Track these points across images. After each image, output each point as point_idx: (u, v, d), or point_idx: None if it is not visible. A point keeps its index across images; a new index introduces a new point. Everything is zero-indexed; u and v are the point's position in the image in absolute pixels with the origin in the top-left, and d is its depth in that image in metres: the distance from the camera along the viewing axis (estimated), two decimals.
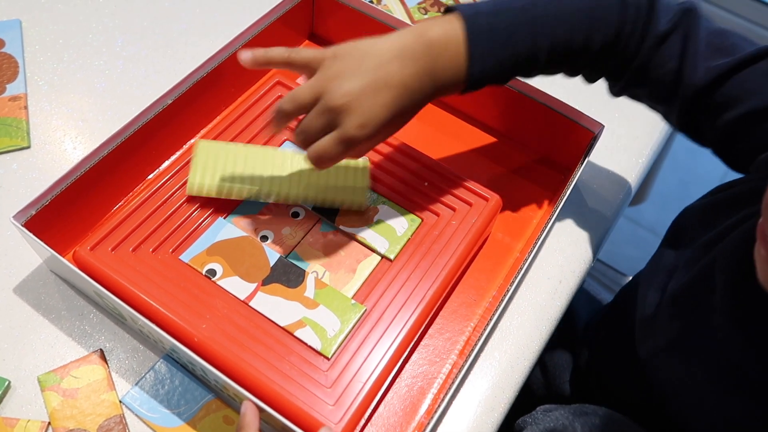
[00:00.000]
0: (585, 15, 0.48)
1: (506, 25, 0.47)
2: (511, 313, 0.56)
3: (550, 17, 0.48)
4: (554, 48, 0.48)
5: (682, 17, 0.49)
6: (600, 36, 0.48)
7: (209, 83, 0.60)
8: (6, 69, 0.66)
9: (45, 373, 0.49)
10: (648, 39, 0.49)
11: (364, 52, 0.46)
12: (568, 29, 0.48)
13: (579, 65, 0.51)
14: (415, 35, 0.46)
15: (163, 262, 0.51)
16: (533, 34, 0.47)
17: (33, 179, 0.59)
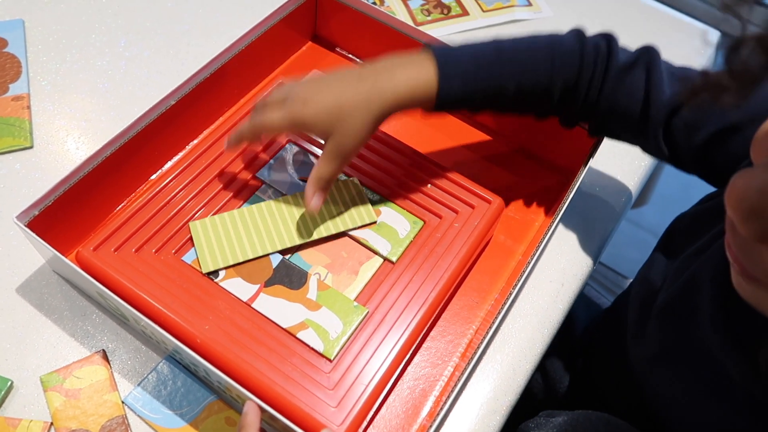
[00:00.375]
0: (548, 57, 0.51)
1: (472, 54, 0.50)
2: (513, 316, 0.56)
3: (514, 57, 0.51)
4: (520, 85, 0.51)
5: (642, 53, 0.51)
6: (562, 76, 0.51)
7: (212, 84, 0.60)
8: (9, 69, 0.66)
9: (47, 373, 0.49)
10: (611, 72, 0.50)
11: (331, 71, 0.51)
12: (532, 69, 0.51)
13: (546, 105, 0.53)
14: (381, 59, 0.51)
15: (166, 262, 0.51)
16: (500, 68, 0.50)
17: (35, 179, 0.59)
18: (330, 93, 0.49)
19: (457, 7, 0.80)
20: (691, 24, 0.83)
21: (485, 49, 0.50)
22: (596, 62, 0.51)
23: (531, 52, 0.51)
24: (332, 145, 0.49)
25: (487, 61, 0.50)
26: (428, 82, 0.49)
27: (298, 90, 0.49)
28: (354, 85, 0.49)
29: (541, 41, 0.51)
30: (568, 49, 0.51)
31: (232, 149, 0.53)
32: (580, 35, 0.52)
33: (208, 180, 0.55)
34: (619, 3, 0.84)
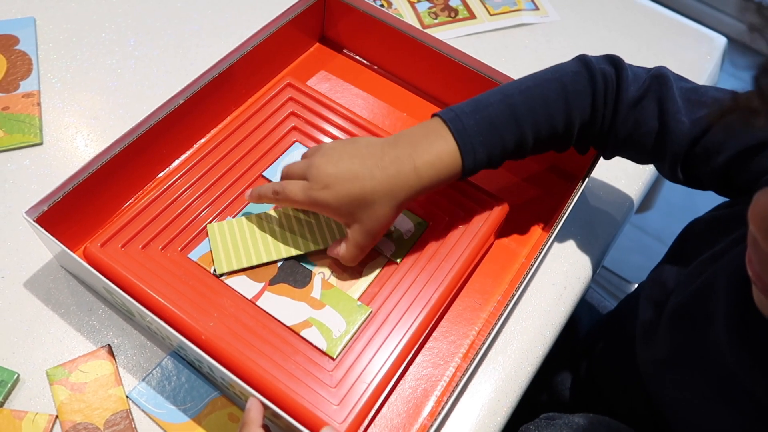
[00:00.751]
0: (560, 100, 0.50)
1: (488, 121, 0.49)
2: (515, 318, 0.56)
3: (528, 109, 0.50)
4: (538, 135, 0.50)
5: (652, 82, 0.50)
6: (578, 115, 0.51)
7: (220, 84, 0.60)
8: (20, 66, 0.67)
9: (53, 367, 0.50)
10: (621, 106, 0.50)
11: (353, 141, 0.51)
12: (548, 117, 0.50)
13: (565, 144, 0.53)
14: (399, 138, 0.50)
15: (172, 259, 0.52)
16: (516, 124, 0.49)
17: (44, 175, 0.60)
18: (352, 182, 0.47)
19: (464, 10, 0.80)
20: (697, 29, 0.83)
21: (497, 109, 0.49)
22: (606, 95, 0.50)
23: (544, 101, 0.50)
24: (359, 234, 0.49)
25: (503, 122, 0.49)
26: (452, 161, 0.48)
27: (320, 171, 0.48)
28: (377, 174, 0.47)
29: (551, 84, 0.50)
30: (580, 87, 0.50)
31: (251, 201, 0.53)
32: (588, 67, 0.51)
33: (215, 178, 0.56)
34: (625, 8, 0.84)
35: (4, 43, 0.68)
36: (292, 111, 0.61)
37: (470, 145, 0.48)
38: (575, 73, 0.51)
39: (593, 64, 0.51)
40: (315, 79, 0.69)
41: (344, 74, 0.70)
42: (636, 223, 1.54)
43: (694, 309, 0.46)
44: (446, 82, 0.66)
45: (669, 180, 0.54)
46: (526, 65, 0.75)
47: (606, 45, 0.79)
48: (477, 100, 0.50)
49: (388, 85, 0.70)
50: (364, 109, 0.67)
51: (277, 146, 0.59)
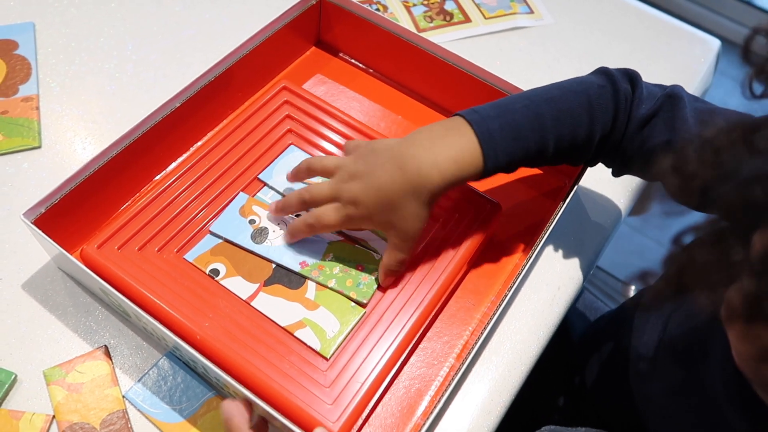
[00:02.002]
0: (584, 110, 0.50)
1: (513, 127, 0.49)
2: (509, 319, 0.56)
3: (554, 119, 0.50)
4: (560, 144, 0.50)
5: (665, 101, 0.50)
6: (600, 128, 0.51)
7: (217, 87, 0.61)
8: (19, 70, 0.68)
9: (50, 367, 0.50)
10: (631, 123, 0.51)
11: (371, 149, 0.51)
12: (571, 127, 0.50)
13: (583, 156, 0.53)
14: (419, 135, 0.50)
15: (168, 261, 0.52)
16: (541, 132, 0.50)
17: (43, 178, 0.61)
18: (376, 189, 0.48)
19: (459, 14, 0.81)
20: (691, 32, 0.84)
21: (523, 116, 0.49)
22: (625, 111, 0.51)
23: (570, 113, 0.50)
24: (396, 237, 0.50)
25: (528, 130, 0.49)
26: (473, 160, 0.48)
27: (344, 190, 0.49)
28: (398, 175, 0.48)
29: (578, 97, 0.50)
30: (603, 102, 0.50)
31: (290, 239, 0.54)
32: (612, 81, 0.51)
33: (211, 181, 0.56)
34: (619, 11, 0.85)
35: (3, 48, 0.69)
36: (288, 114, 0.62)
37: (493, 150, 0.48)
38: (600, 87, 0.51)
39: (617, 79, 0.51)
40: (311, 83, 0.70)
41: (340, 78, 0.70)
42: (634, 226, 1.55)
43: (695, 343, 0.46)
44: (442, 86, 0.67)
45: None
46: (521, 68, 0.76)
47: (600, 48, 0.80)
48: (500, 104, 0.50)
49: (384, 88, 0.71)
50: (359, 112, 0.68)
51: (272, 149, 0.60)
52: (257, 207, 0.56)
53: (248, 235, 0.54)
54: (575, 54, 0.79)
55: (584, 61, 0.78)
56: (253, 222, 0.55)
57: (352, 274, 0.53)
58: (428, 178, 0.48)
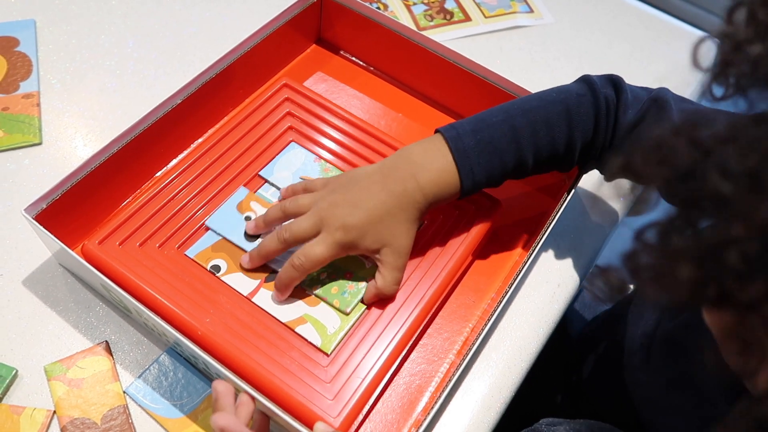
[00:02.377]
0: (563, 123, 0.50)
1: (489, 142, 0.49)
2: (509, 316, 0.57)
3: (530, 131, 0.50)
4: (539, 158, 0.51)
5: (651, 106, 0.50)
6: (580, 138, 0.51)
7: (218, 84, 0.61)
8: (20, 67, 0.68)
9: (51, 363, 0.50)
10: (618, 129, 0.50)
11: (350, 178, 0.51)
12: (550, 140, 0.50)
13: (566, 166, 0.53)
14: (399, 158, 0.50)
15: (169, 257, 0.52)
16: (517, 146, 0.50)
17: (43, 174, 0.61)
18: (363, 210, 0.48)
19: (459, 13, 0.81)
20: (690, 32, 0.84)
21: (499, 131, 0.50)
22: (607, 117, 0.51)
23: (546, 123, 0.50)
24: (390, 255, 0.49)
25: (504, 144, 0.49)
26: (451, 179, 0.49)
27: (329, 216, 0.48)
28: (384, 195, 0.48)
29: (555, 107, 0.50)
30: (583, 110, 0.50)
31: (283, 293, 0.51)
32: (592, 89, 0.51)
33: (211, 177, 0.57)
34: (618, 10, 0.85)
35: (4, 45, 0.69)
36: (289, 111, 0.62)
37: (469, 167, 0.49)
38: (580, 96, 0.51)
39: (597, 86, 0.51)
40: (312, 80, 0.70)
41: (340, 75, 0.71)
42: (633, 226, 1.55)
43: (684, 338, 0.46)
44: (441, 84, 0.67)
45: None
46: (520, 67, 0.76)
47: (600, 47, 0.80)
48: (479, 118, 0.51)
49: (384, 86, 0.71)
50: (360, 109, 0.68)
51: (273, 146, 0.60)
52: (255, 203, 0.56)
53: (242, 232, 0.54)
54: (575, 53, 0.79)
55: (584, 61, 0.78)
56: (249, 219, 0.55)
57: (338, 281, 0.52)
58: (413, 197, 0.48)
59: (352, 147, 0.60)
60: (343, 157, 0.60)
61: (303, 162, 0.59)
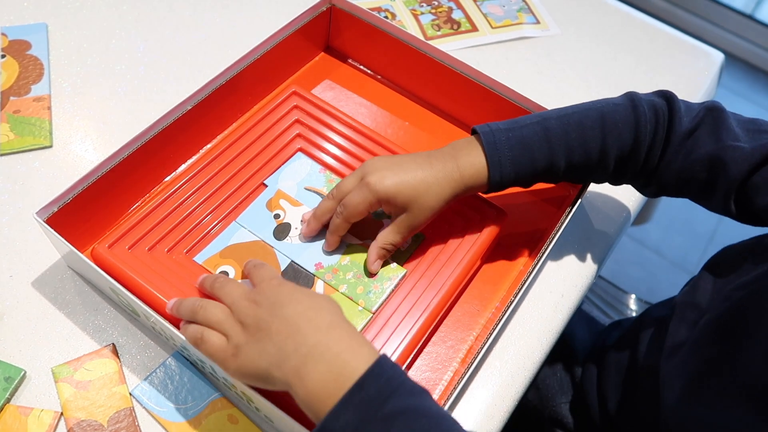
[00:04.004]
0: (597, 129, 0.51)
1: (520, 139, 0.51)
2: (513, 325, 0.57)
3: (562, 133, 0.51)
4: (571, 161, 0.52)
5: (706, 114, 0.51)
6: (614, 145, 0.51)
7: (227, 91, 0.62)
8: (32, 70, 0.68)
9: (59, 364, 0.51)
10: (674, 137, 0.51)
11: (398, 155, 0.54)
12: (582, 143, 0.51)
13: (601, 174, 0.54)
14: (444, 147, 0.53)
15: (178, 262, 0.53)
16: (549, 146, 0.51)
17: (53, 177, 0.61)
18: (406, 172, 0.51)
19: (466, 23, 0.82)
20: (695, 45, 0.85)
21: (531, 130, 0.51)
22: (656, 129, 0.51)
23: (580, 130, 0.51)
24: (406, 219, 0.52)
25: (536, 143, 0.51)
26: (481, 169, 0.51)
27: (371, 168, 0.51)
28: (426, 168, 0.51)
29: (591, 114, 0.51)
30: (620, 118, 0.51)
31: (332, 246, 0.55)
32: (634, 101, 0.52)
33: (220, 183, 0.57)
34: (624, 23, 0.86)
35: (16, 48, 0.70)
36: (297, 119, 0.62)
37: (497, 159, 0.51)
38: (617, 105, 0.52)
39: (639, 96, 0.52)
40: (320, 88, 0.70)
41: (348, 83, 0.71)
42: (635, 236, 1.56)
43: (733, 323, 0.46)
44: (448, 93, 0.68)
45: (724, 215, 0.53)
46: (526, 77, 0.77)
47: (605, 59, 0.81)
48: (515, 120, 0.53)
49: (391, 94, 0.71)
50: (367, 117, 0.69)
51: (281, 153, 0.61)
52: (284, 201, 0.57)
53: (271, 231, 0.55)
54: (581, 65, 0.80)
55: (590, 72, 0.79)
56: (278, 216, 0.56)
57: (364, 281, 0.53)
58: (451, 174, 0.51)
59: (359, 155, 0.61)
60: (350, 165, 0.61)
61: (308, 172, 0.60)
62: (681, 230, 1.57)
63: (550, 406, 0.69)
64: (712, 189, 0.51)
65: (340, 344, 0.40)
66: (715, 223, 1.58)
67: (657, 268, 1.51)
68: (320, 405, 0.38)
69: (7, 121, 0.64)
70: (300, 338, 0.41)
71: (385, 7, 0.82)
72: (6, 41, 0.71)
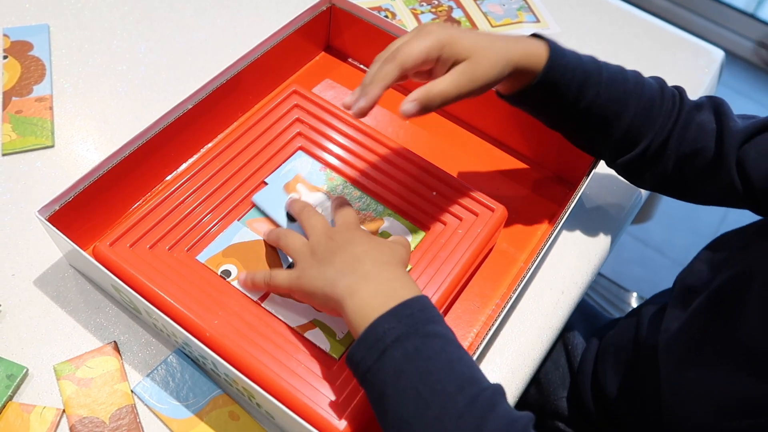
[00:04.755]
0: (630, 82, 0.54)
1: (577, 56, 0.53)
2: (513, 321, 0.57)
3: (608, 72, 0.53)
4: (600, 95, 0.53)
5: (708, 99, 0.55)
6: (645, 97, 0.54)
7: (228, 90, 0.62)
8: (33, 71, 0.69)
9: (61, 362, 0.51)
10: (682, 114, 0.54)
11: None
12: (620, 87, 0.53)
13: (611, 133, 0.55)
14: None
15: (179, 260, 0.53)
16: (598, 70, 0.53)
17: (55, 177, 0.62)
18: (469, 31, 0.50)
19: (466, 22, 0.82)
20: (695, 43, 0.85)
21: (590, 60, 0.54)
22: (671, 111, 0.54)
23: (622, 75, 0.54)
24: (468, 66, 0.48)
25: (590, 67, 0.53)
26: (541, 53, 0.51)
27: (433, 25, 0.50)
28: (489, 35, 0.51)
29: (636, 77, 0.55)
30: (647, 82, 0.55)
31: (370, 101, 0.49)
32: (661, 83, 0.55)
33: (221, 182, 0.57)
34: (625, 21, 0.86)
35: (18, 49, 0.70)
36: (298, 117, 0.63)
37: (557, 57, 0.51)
38: (651, 83, 0.55)
39: (666, 85, 0.56)
40: (320, 87, 0.71)
41: (348, 82, 0.71)
42: (636, 235, 1.56)
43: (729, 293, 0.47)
44: None
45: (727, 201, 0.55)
46: None
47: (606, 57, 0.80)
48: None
49: (391, 93, 0.71)
50: (367, 116, 0.69)
51: (281, 152, 0.61)
52: (302, 186, 0.58)
53: (284, 212, 0.56)
54: None
55: None
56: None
57: None
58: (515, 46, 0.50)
59: (360, 153, 0.61)
60: (350, 163, 0.61)
61: (309, 171, 0.60)
62: (683, 229, 1.57)
63: (552, 400, 0.69)
64: (719, 163, 0.53)
65: (391, 275, 0.46)
66: (717, 222, 1.57)
67: (659, 267, 1.51)
68: (366, 317, 0.43)
69: (10, 122, 0.64)
70: (358, 265, 0.46)
71: (385, 7, 0.82)
72: (8, 42, 0.71)
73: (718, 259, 0.53)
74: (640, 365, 0.58)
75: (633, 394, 0.58)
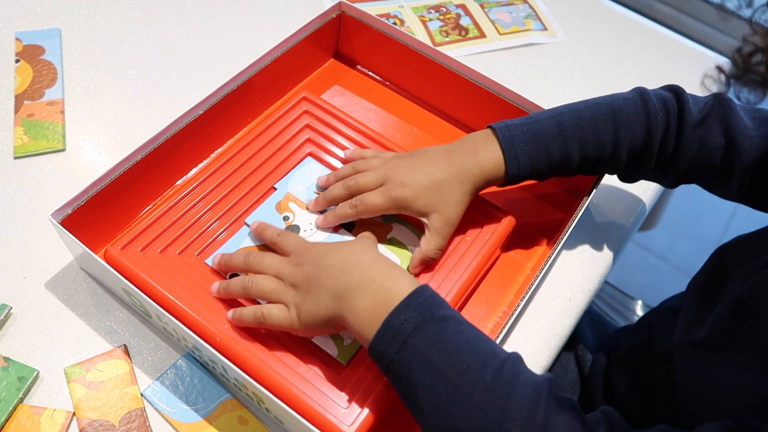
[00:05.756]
0: (609, 122, 0.53)
1: (535, 133, 0.53)
2: (520, 328, 0.57)
3: (576, 127, 0.53)
4: (584, 153, 0.53)
5: (714, 103, 0.53)
6: (627, 138, 0.53)
7: (238, 96, 0.62)
8: (45, 75, 0.69)
9: (71, 365, 0.51)
10: (686, 127, 0.52)
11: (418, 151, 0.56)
12: (594, 136, 0.53)
13: (614, 166, 0.55)
14: (462, 140, 0.55)
15: (189, 264, 0.53)
16: (563, 139, 0.52)
17: (66, 180, 0.62)
18: (424, 174, 0.53)
19: (474, 30, 0.82)
20: (702, 52, 0.85)
21: (545, 125, 0.53)
22: (668, 120, 0.53)
23: (593, 124, 0.53)
24: (437, 220, 0.53)
25: (550, 138, 0.52)
26: (499, 163, 0.53)
27: (392, 174, 0.53)
28: (445, 166, 0.53)
29: (603, 109, 0.53)
30: (631, 111, 0.53)
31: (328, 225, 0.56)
32: (642, 94, 0.54)
33: (231, 187, 0.58)
34: (631, 29, 0.86)
35: (30, 53, 0.71)
36: (307, 124, 0.63)
37: (514, 153, 0.52)
38: (626, 99, 0.54)
39: (648, 91, 0.54)
40: (329, 93, 0.71)
41: (357, 89, 0.72)
42: (641, 243, 1.56)
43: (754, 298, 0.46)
44: (456, 98, 0.68)
45: (739, 202, 0.55)
46: (534, 83, 0.78)
47: (612, 66, 0.81)
48: (528, 116, 0.55)
49: (400, 100, 0.72)
50: (376, 123, 0.69)
51: (291, 157, 0.61)
52: (293, 204, 0.58)
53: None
54: (588, 71, 0.80)
55: (597, 78, 0.79)
56: (287, 219, 0.56)
57: None
58: (471, 170, 0.53)
59: None
60: None
61: (318, 176, 0.60)
62: (687, 237, 1.57)
63: None
64: (728, 176, 0.53)
65: (382, 275, 0.45)
66: (721, 230, 1.58)
67: (663, 275, 1.51)
68: (370, 328, 0.43)
69: (22, 125, 0.65)
70: (347, 278, 0.46)
71: (393, 14, 0.83)
72: (20, 46, 0.72)
73: (739, 264, 0.52)
74: (655, 369, 0.57)
75: (647, 398, 0.58)
